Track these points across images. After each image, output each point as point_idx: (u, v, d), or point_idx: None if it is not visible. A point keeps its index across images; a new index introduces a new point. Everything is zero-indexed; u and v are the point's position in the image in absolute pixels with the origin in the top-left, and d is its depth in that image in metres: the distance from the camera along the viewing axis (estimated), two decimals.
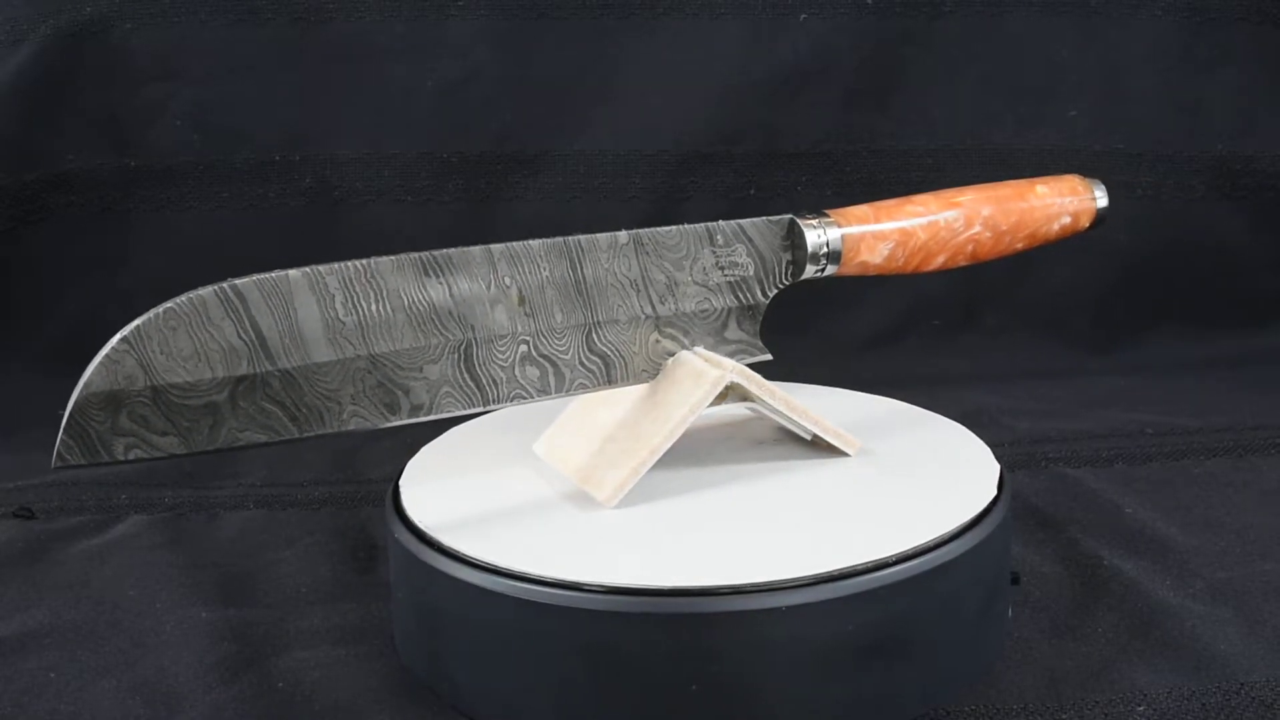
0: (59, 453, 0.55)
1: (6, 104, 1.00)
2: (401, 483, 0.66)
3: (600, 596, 0.55)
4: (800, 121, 1.07)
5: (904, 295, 1.10)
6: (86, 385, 0.55)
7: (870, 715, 0.57)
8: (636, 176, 1.06)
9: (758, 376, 0.65)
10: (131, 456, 0.55)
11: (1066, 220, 0.74)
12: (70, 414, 0.55)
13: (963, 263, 0.72)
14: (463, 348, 0.61)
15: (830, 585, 0.55)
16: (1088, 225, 0.75)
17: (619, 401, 0.65)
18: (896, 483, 0.64)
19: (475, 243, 1.06)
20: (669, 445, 0.63)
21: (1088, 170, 1.09)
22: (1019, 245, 0.73)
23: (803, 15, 1.06)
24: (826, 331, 1.09)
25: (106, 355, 0.55)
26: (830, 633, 0.55)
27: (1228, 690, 0.60)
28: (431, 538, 0.60)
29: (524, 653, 0.56)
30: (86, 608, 0.71)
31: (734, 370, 0.64)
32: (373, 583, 0.73)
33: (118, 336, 0.55)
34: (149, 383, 0.55)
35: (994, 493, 0.63)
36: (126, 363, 0.55)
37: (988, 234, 0.71)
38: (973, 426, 0.72)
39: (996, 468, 0.65)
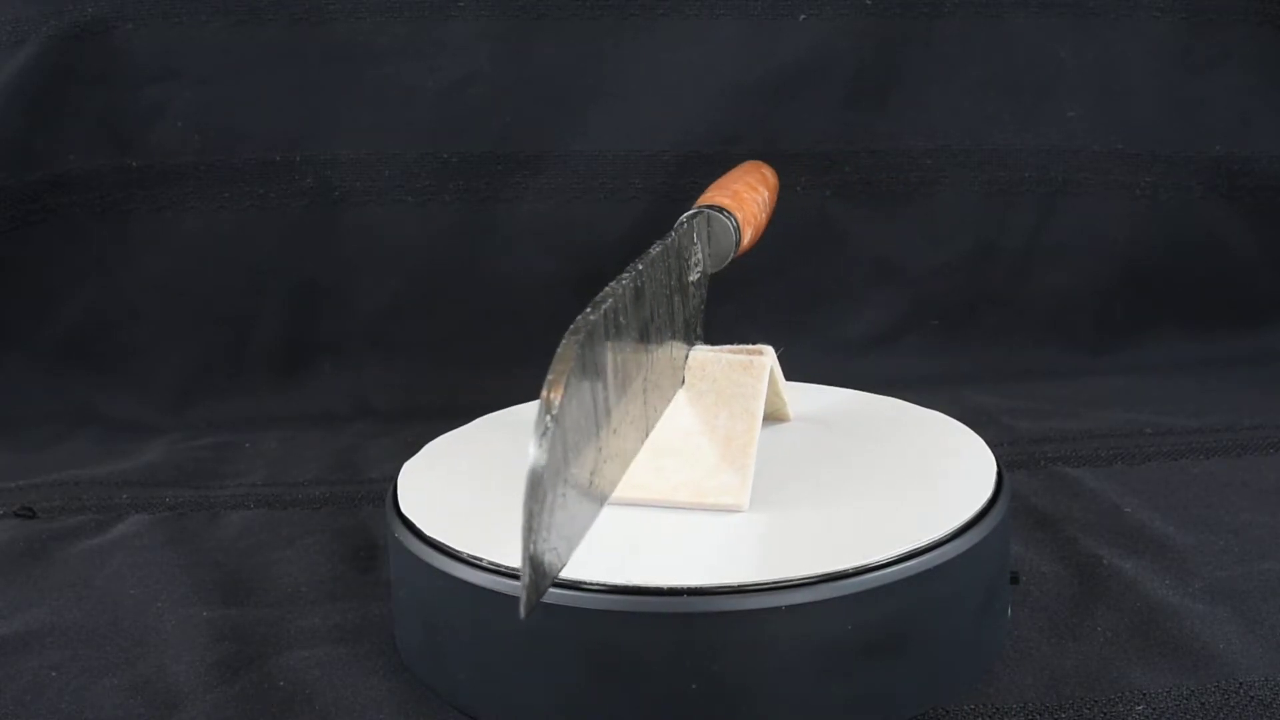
0: (528, 600, 0.43)
1: (8, 104, 1.00)
2: (401, 482, 0.66)
3: (600, 596, 0.55)
4: (800, 121, 1.07)
5: (904, 295, 1.10)
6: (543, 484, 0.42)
7: (870, 715, 0.57)
8: (636, 176, 1.06)
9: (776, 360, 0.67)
10: (552, 576, 0.44)
11: (769, 195, 0.83)
12: (533, 535, 0.42)
13: (754, 240, 0.76)
14: (645, 377, 0.55)
15: (830, 585, 0.55)
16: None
17: None
18: (895, 482, 0.64)
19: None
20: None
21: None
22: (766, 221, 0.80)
23: (802, 15, 1.06)
24: (827, 331, 1.09)
25: (548, 435, 0.42)
26: (830, 633, 0.55)
27: (1226, 690, 0.60)
28: (431, 538, 0.60)
29: (524, 652, 0.56)
30: (88, 607, 0.71)
31: (771, 356, 0.66)
32: (373, 583, 0.73)
33: (546, 415, 0.43)
34: (564, 474, 0.44)
35: (993, 492, 0.63)
36: (557, 449, 0.43)
37: (767, 213, 0.78)
38: (973, 426, 0.72)
39: (995, 467, 0.65)
